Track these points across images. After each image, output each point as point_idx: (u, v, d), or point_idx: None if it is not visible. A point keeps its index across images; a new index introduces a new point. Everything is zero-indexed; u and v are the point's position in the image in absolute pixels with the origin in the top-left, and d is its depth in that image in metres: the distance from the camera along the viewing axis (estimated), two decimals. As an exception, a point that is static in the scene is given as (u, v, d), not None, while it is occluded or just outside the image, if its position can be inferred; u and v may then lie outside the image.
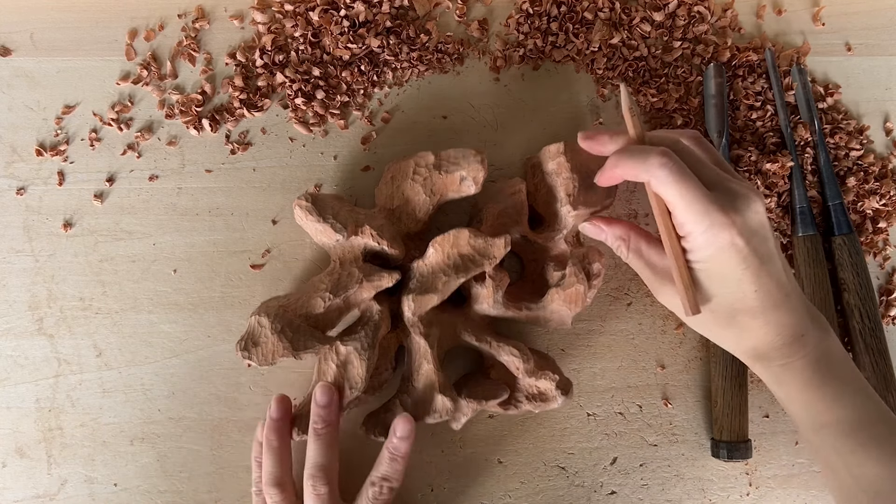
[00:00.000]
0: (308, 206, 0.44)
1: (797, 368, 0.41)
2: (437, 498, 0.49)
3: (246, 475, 0.48)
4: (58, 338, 0.48)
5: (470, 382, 0.48)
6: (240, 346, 0.43)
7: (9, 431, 0.47)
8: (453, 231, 0.45)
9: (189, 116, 0.50)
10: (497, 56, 0.52)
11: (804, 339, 0.40)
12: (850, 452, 0.40)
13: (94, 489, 0.47)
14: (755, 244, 0.39)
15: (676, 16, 0.53)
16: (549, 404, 0.46)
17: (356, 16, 0.51)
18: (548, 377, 0.46)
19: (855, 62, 0.56)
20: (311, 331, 0.44)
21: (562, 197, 0.46)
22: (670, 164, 0.39)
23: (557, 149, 0.46)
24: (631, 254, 0.44)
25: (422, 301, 0.44)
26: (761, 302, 0.39)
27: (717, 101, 0.52)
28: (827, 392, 0.40)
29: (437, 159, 0.46)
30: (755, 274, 0.39)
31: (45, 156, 0.49)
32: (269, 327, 0.42)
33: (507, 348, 0.46)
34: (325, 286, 0.44)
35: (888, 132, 0.55)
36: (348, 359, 0.43)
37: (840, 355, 0.42)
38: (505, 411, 0.47)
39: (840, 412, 0.40)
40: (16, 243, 0.49)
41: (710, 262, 0.40)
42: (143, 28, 0.51)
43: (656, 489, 0.51)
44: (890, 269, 0.54)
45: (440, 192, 0.46)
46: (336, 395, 0.43)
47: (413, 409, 0.45)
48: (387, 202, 0.47)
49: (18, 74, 0.50)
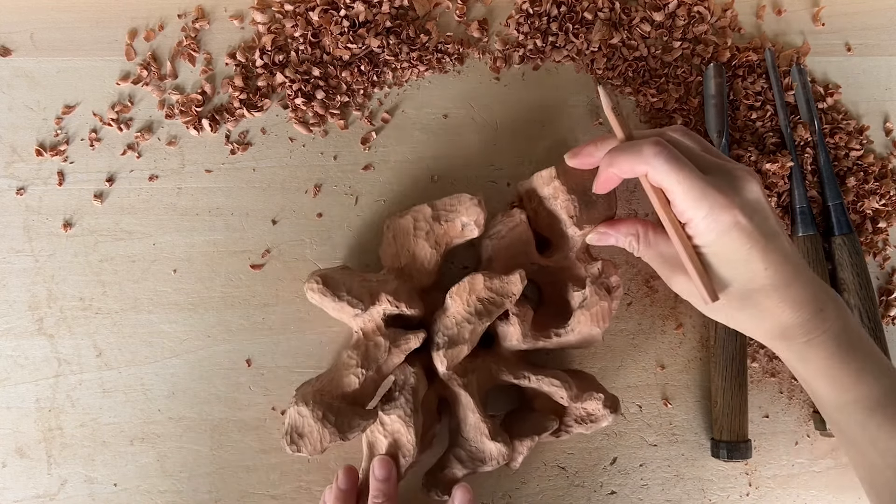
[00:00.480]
0: (321, 288, 0.43)
1: (820, 343, 0.40)
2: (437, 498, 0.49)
3: (246, 475, 0.48)
4: (58, 338, 0.48)
5: (517, 418, 0.47)
6: (286, 441, 0.42)
7: (9, 431, 0.47)
8: (467, 278, 0.44)
9: (189, 116, 0.50)
10: (497, 56, 0.52)
11: (823, 314, 0.40)
12: (876, 427, 0.40)
13: (94, 489, 0.48)
14: (758, 222, 0.39)
15: (676, 16, 0.54)
16: (599, 424, 0.46)
17: (356, 16, 0.51)
18: (594, 398, 0.46)
19: (855, 62, 0.56)
20: (352, 409, 0.43)
21: (565, 219, 0.46)
22: (665, 152, 0.39)
23: (550, 174, 0.46)
24: (642, 247, 0.44)
25: (453, 354, 0.44)
26: (773, 279, 0.39)
27: (717, 101, 0.52)
28: (851, 366, 0.40)
29: (434, 210, 0.46)
30: (762, 251, 0.39)
31: (45, 156, 0.49)
32: (310, 416, 0.42)
33: (548, 380, 0.45)
34: (355, 362, 0.44)
35: (888, 132, 0.55)
36: (395, 428, 0.43)
37: (860, 330, 0.41)
38: (558, 438, 0.47)
39: (865, 387, 0.40)
40: (16, 243, 0.49)
41: (716, 246, 0.39)
42: (143, 28, 0.51)
43: (656, 489, 0.51)
44: (890, 269, 0.54)
45: (444, 242, 0.46)
46: (394, 468, 0.43)
47: (469, 462, 0.45)
48: (394, 262, 0.47)
49: (18, 74, 0.50)
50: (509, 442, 0.44)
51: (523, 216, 0.47)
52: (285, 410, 0.49)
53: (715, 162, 0.41)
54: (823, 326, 0.40)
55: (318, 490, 0.48)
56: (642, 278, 0.52)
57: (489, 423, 0.44)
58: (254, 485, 0.48)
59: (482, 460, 0.44)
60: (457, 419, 0.46)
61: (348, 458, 0.48)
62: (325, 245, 0.50)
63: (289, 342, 0.49)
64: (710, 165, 0.40)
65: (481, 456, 0.44)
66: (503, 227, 0.47)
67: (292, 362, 0.49)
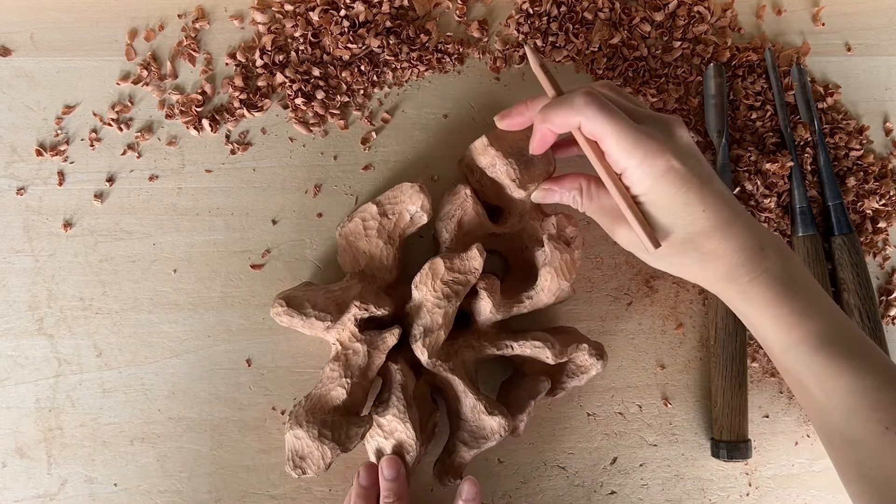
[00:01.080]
0: (286, 310, 0.43)
1: (763, 282, 0.40)
2: (437, 498, 0.49)
3: (246, 475, 0.48)
4: (58, 338, 0.48)
5: (512, 387, 0.48)
6: (290, 466, 0.42)
7: (9, 431, 0.47)
8: (427, 265, 0.44)
9: (189, 116, 0.50)
10: (497, 56, 0.52)
11: (765, 252, 0.40)
12: (820, 367, 0.39)
13: (94, 489, 0.47)
14: (691, 165, 0.39)
15: (676, 16, 0.54)
16: (590, 373, 0.47)
17: (356, 16, 0.51)
18: (578, 349, 0.46)
19: (854, 62, 0.56)
20: (346, 420, 0.43)
21: (508, 184, 0.47)
22: (597, 101, 0.39)
23: (483, 143, 0.47)
24: (585, 200, 0.44)
25: (431, 342, 0.44)
26: (713, 221, 0.39)
27: (717, 101, 0.52)
28: (795, 305, 0.40)
29: (379, 207, 0.46)
30: (699, 193, 0.39)
31: (45, 156, 0.49)
32: (307, 437, 0.42)
33: (529, 343, 0.46)
34: (338, 373, 0.44)
35: (888, 132, 0.55)
36: (393, 427, 0.43)
37: (804, 271, 0.41)
38: (555, 397, 0.48)
39: (809, 326, 0.40)
40: (16, 243, 0.49)
41: (653, 193, 0.39)
42: (143, 28, 0.51)
43: (656, 489, 0.51)
44: (890, 269, 0.54)
45: (397, 234, 0.46)
46: (402, 467, 0.43)
47: (472, 442, 0.45)
48: (354, 266, 0.47)
49: (18, 74, 0.50)
50: (507, 413, 0.45)
51: (468, 190, 0.47)
52: (285, 411, 0.49)
53: (644, 112, 0.41)
54: (766, 264, 0.40)
55: (318, 490, 0.48)
56: (642, 278, 0.52)
57: (484, 399, 0.44)
58: (254, 485, 0.48)
59: (485, 437, 0.45)
60: (452, 403, 0.46)
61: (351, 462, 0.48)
62: (325, 245, 0.50)
63: (289, 342, 0.49)
64: (641, 115, 0.40)
65: (483, 433, 0.45)
66: (451, 207, 0.47)
67: (292, 362, 0.49)
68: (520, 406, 0.46)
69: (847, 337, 0.40)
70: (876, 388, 0.38)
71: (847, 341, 0.39)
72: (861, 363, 0.39)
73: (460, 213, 0.47)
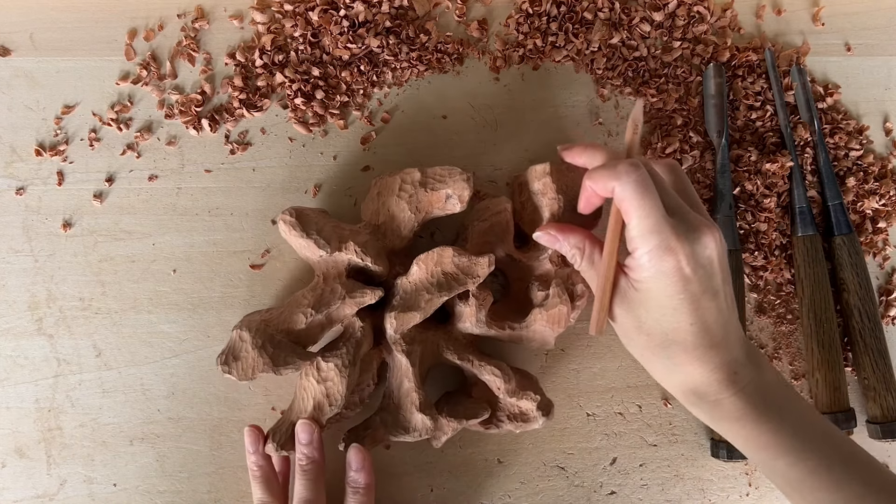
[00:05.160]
0: (292, 221, 0.44)
1: (731, 404, 0.39)
2: (437, 498, 0.49)
3: (246, 475, 0.48)
4: (57, 338, 0.48)
5: (452, 401, 0.47)
6: (220, 360, 0.42)
7: (8, 431, 0.47)
8: (437, 249, 0.44)
9: (188, 116, 0.50)
10: (497, 56, 0.52)
11: (736, 377, 0.39)
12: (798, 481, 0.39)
13: (94, 489, 0.47)
14: (700, 276, 0.38)
15: (676, 16, 0.54)
16: (529, 425, 0.46)
17: (356, 16, 0.51)
18: (529, 398, 0.45)
19: (854, 62, 0.56)
20: (292, 346, 0.43)
21: (546, 217, 0.46)
22: (637, 174, 0.38)
23: (543, 169, 0.46)
24: (584, 262, 0.43)
25: (404, 318, 0.44)
26: (696, 338, 0.39)
27: (717, 101, 0.52)
28: (765, 427, 0.39)
29: (423, 176, 0.46)
30: (693, 307, 0.38)
31: (45, 156, 0.49)
32: (250, 342, 0.42)
33: (489, 368, 0.45)
34: (307, 302, 0.44)
35: (888, 132, 0.55)
36: (328, 375, 0.43)
37: (777, 384, 0.41)
38: (486, 430, 0.47)
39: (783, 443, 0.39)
40: (15, 243, 0.49)
41: (651, 283, 0.39)
42: (142, 28, 0.51)
43: (656, 489, 0.51)
44: (890, 269, 0.54)
45: (425, 209, 0.46)
46: (318, 432, 0.43)
47: (393, 427, 0.45)
48: (372, 218, 0.47)
49: (18, 74, 0.50)
50: (437, 418, 0.44)
51: (509, 205, 0.47)
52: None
53: (684, 208, 0.40)
54: (733, 388, 0.39)
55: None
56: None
57: (421, 394, 0.44)
58: (253, 485, 0.48)
59: (406, 429, 0.44)
60: (393, 385, 0.46)
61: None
62: (325, 245, 0.50)
63: (288, 342, 0.49)
64: (678, 208, 0.39)
65: (406, 425, 0.44)
66: (486, 211, 0.47)
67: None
68: (449, 420, 0.45)
69: (824, 447, 0.39)
70: (859, 498, 0.38)
71: (824, 451, 0.39)
72: (841, 475, 0.38)
73: (492, 220, 0.46)
